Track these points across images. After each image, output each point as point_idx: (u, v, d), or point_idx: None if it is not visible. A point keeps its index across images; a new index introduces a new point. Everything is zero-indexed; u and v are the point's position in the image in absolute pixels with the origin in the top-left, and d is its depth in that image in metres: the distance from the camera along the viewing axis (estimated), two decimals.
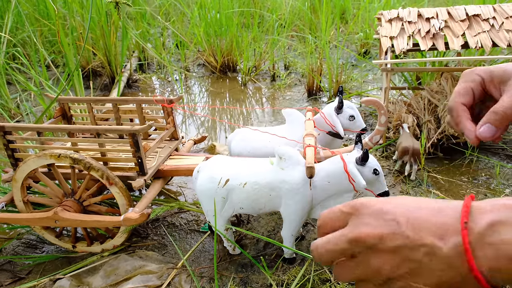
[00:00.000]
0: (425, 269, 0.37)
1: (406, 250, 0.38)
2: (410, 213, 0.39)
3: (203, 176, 1.08)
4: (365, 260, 0.40)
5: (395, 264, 0.39)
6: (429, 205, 0.40)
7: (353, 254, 0.41)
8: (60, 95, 1.44)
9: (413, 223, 0.38)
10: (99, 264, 1.16)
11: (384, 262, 0.39)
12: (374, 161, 0.98)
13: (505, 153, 1.63)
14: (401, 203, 0.41)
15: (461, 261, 0.35)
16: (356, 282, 0.42)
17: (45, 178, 1.17)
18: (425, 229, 0.38)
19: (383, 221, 0.40)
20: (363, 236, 0.40)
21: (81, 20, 2.58)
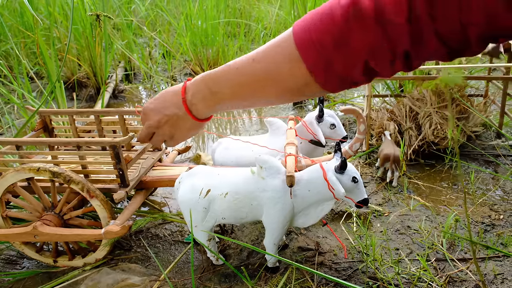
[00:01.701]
0: (178, 124, 0.77)
1: (169, 121, 0.77)
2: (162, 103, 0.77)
3: (185, 186, 1.09)
4: (158, 132, 0.80)
5: (167, 129, 0.78)
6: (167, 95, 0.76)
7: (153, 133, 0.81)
8: (42, 107, 1.43)
9: (165, 107, 0.76)
10: (81, 279, 1.15)
11: (165, 129, 0.78)
12: (352, 169, 1.00)
13: (484, 159, 1.67)
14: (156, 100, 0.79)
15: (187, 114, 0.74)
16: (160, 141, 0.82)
17: (24, 193, 1.15)
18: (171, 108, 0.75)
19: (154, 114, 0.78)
20: (151, 123, 0.79)
21: (65, 32, 2.57)
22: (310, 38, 0.55)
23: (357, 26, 0.51)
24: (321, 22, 0.54)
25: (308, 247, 1.22)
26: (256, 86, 0.63)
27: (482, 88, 2.14)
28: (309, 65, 0.56)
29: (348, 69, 0.55)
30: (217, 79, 0.67)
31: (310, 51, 0.55)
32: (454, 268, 1.08)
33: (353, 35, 0.52)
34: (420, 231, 1.26)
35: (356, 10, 0.51)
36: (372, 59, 0.53)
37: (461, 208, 1.37)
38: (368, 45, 0.52)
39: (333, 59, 0.55)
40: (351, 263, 1.14)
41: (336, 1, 0.54)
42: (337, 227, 1.31)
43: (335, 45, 0.53)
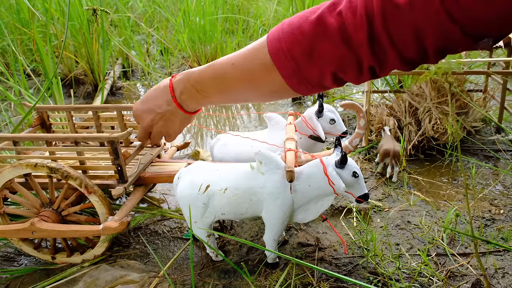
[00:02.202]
0: (171, 119, 0.83)
1: (163, 118, 0.83)
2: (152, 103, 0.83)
3: (184, 182, 1.08)
4: (154, 130, 0.87)
5: (162, 125, 0.85)
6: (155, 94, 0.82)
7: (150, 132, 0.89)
8: (39, 104, 1.42)
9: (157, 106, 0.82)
10: (79, 276, 1.14)
11: (160, 125, 0.85)
12: (353, 164, 0.99)
13: (484, 154, 1.66)
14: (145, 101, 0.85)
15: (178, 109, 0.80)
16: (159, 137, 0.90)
17: (21, 189, 1.14)
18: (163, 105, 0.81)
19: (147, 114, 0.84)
20: (146, 123, 0.86)
21: (62, 28, 2.55)
22: (281, 48, 0.59)
23: (324, 42, 0.56)
24: (292, 34, 0.59)
25: (308, 242, 1.21)
26: (237, 88, 0.69)
27: (481, 84, 2.13)
28: (282, 73, 0.61)
29: (317, 78, 0.60)
30: (201, 80, 0.73)
31: (282, 61, 0.60)
32: (454, 262, 1.08)
33: (320, 49, 0.56)
34: (420, 226, 1.25)
35: (322, 27, 0.55)
36: (340, 71, 0.58)
37: (461, 203, 1.36)
38: (335, 59, 0.56)
39: (303, 69, 0.59)
40: (351, 259, 1.13)
41: (305, 16, 0.58)
42: (337, 222, 1.31)
43: (304, 56, 0.58)
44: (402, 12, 0.49)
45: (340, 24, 0.54)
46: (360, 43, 0.53)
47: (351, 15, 0.53)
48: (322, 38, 0.56)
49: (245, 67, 0.66)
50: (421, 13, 0.47)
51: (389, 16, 0.50)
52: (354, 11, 0.53)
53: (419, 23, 0.48)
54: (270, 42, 0.61)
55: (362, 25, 0.52)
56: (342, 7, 0.55)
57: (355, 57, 0.55)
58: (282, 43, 0.59)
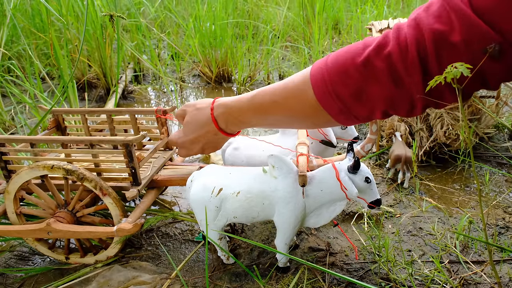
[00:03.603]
0: (217, 143, 0.88)
1: (211, 144, 0.87)
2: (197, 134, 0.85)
3: (197, 185, 1.09)
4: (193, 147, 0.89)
5: (210, 149, 0.89)
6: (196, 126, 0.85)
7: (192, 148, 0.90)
8: (55, 107, 1.45)
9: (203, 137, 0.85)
10: (92, 276, 1.15)
11: (208, 150, 0.89)
12: (365, 169, 0.99)
13: (497, 161, 1.65)
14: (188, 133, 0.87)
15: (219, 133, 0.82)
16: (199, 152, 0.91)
17: (38, 190, 1.16)
18: (208, 135, 0.84)
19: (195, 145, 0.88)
20: (193, 153, 0.91)
21: (76, 33, 2.60)
22: (327, 90, 0.59)
23: (373, 84, 0.55)
24: (338, 76, 0.58)
25: (319, 247, 1.21)
26: (281, 122, 0.73)
27: None
28: (329, 112, 0.62)
29: (366, 115, 0.60)
30: (244, 114, 0.76)
31: (329, 101, 0.60)
32: (468, 270, 1.07)
33: (369, 91, 0.56)
34: (432, 232, 1.25)
35: (370, 70, 0.54)
36: (391, 109, 0.57)
37: (474, 210, 1.35)
38: (386, 100, 0.56)
39: (352, 108, 0.59)
40: (362, 264, 1.13)
41: (350, 57, 0.57)
42: (348, 228, 1.31)
43: (353, 98, 0.58)
44: (458, 51, 0.47)
45: (389, 66, 0.53)
46: (414, 85, 0.52)
47: (401, 55, 0.51)
48: (370, 81, 0.55)
49: (289, 105, 0.66)
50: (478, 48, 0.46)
51: (444, 56, 0.48)
52: (404, 52, 0.51)
53: (476, 60, 0.46)
54: (314, 80, 0.61)
55: (414, 67, 0.51)
56: (390, 48, 0.53)
57: (408, 96, 0.54)
58: (327, 83, 0.59)
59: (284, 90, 0.67)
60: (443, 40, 0.48)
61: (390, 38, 0.54)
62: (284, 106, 0.67)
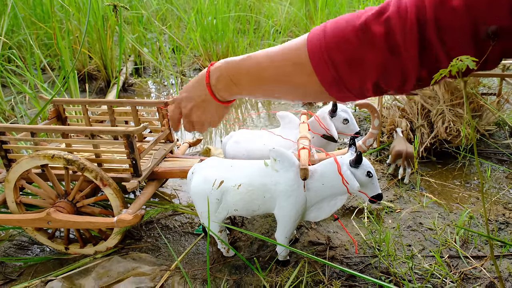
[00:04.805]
0: (206, 108, 0.81)
1: (200, 106, 0.82)
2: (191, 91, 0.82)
3: (198, 177, 1.08)
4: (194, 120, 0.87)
5: (200, 114, 0.84)
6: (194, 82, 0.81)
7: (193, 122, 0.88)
8: (55, 97, 1.44)
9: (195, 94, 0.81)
10: (92, 266, 1.15)
11: (198, 114, 0.84)
12: (367, 164, 0.99)
13: (497, 158, 1.65)
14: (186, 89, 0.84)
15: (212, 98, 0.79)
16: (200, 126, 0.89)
17: (38, 179, 1.16)
18: (198, 93, 0.80)
19: (186, 102, 0.84)
20: (186, 112, 0.85)
21: (77, 24, 2.58)
22: (322, 54, 0.57)
23: (368, 50, 0.53)
24: (334, 40, 0.56)
25: (318, 241, 1.21)
26: (272, 85, 0.68)
27: (494, 87, 2.11)
28: (322, 80, 0.59)
29: (358, 86, 0.58)
30: (238, 71, 0.71)
31: (322, 67, 0.58)
32: (468, 265, 1.07)
33: (363, 57, 0.54)
34: (432, 228, 1.25)
35: (367, 34, 0.53)
36: (383, 80, 0.55)
37: (474, 206, 1.35)
38: (379, 68, 0.54)
39: (344, 77, 0.57)
40: (362, 258, 1.13)
41: (349, 21, 0.55)
42: (348, 222, 1.31)
43: (347, 64, 0.56)
44: (458, 15, 0.46)
45: (387, 31, 0.51)
46: (408, 49, 0.50)
47: (400, 21, 0.50)
48: (366, 46, 0.53)
49: (283, 66, 0.64)
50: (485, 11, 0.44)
51: (443, 20, 0.47)
52: (403, 17, 0.50)
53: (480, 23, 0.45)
54: (310, 45, 0.59)
55: (411, 31, 0.49)
56: (390, 13, 0.52)
57: (401, 65, 0.52)
58: (323, 48, 0.57)
59: (280, 52, 0.65)
60: (443, 4, 0.47)
61: (391, 4, 0.53)
62: (278, 68, 0.64)
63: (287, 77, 0.64)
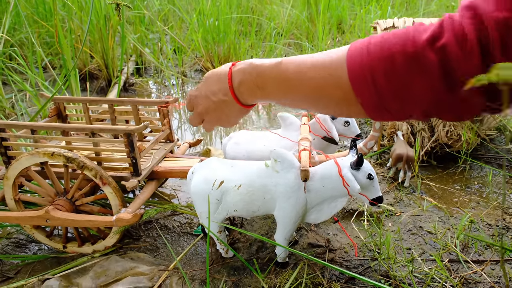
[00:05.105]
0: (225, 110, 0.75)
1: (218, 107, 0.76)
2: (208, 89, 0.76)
3: (198, 177, 1.08)
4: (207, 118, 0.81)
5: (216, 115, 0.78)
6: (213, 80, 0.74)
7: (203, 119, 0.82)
8: (56, 95, 1.44)
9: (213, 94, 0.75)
10: (89, 265, 1.14)
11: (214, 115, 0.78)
12: (368, 166, 0.99)
13: (498, 163, 1.65)
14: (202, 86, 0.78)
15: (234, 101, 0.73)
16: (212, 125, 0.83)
17: (37, 177, 1.16)
18: (218, 94, 0.74)
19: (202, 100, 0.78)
20: (200, 111, 0.79)
21: (79, 23, 2.58)
22: (364, 77, 0.52)
23: (420, 78, 0.48)
24: (380, 63, 0.51)
25: (318, 243, 1.21)
26: (302, 97, 0.63)
27: None
28: (362, 101, 0.54)
29: (404, 113, 0.53)
30: (264, 77, 0.66)
31: (363, 88, 0.53)
32: (468, 269, 1.07)
33: (413, 86, 0.49)
34: (432, 231, 1.24)
35: (420, 62, 0.48)
36: (434, 109, 0.51)
37: (474, 211, 1.35)
38: (431, 98, 0.49)
39: (388, 103, 0.52)
40: (362, 261, 1.13)
41: (398, 44, 0.50)
42: (347, 225, 1.30)
43: (393, 91, 0.51)
44: None
45: (442, 60, 0.47)
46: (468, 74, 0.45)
47: (458, 47, 0.46)
48: (418, 74, 0.48)
49: (317, 80, 0.58)
50: None
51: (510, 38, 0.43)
52: (460, 41, 0.46)
53: None
54: (351, 64, 0.54)
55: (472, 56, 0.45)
56: (445, 40, 0.47)
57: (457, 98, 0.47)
58: (365, 68, 0.52)
59: (315, 62, 0.59)
60: (508, 28, 0.43)
61: (445, 28, 0.48)
62: (311, 79, 0.59)
63: (319, 91, 0.59)
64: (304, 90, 0.61)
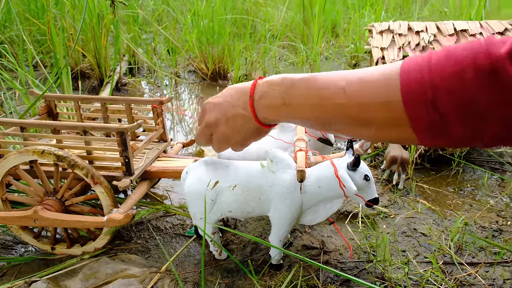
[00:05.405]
0: (239, 126, 0.69)
1: (230, 121, 0.69)
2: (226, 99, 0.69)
3: (192, 177, 1.06)
4: (216, 132, 0.73)
5: (226, 130, 0.71)
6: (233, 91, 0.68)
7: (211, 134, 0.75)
8: (47, 93, 1.41)
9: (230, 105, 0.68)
10: (79, 267, 1.11)
11: (224, 129, 0.71)
12: (365, 167, 0.98)
13: (490, 166, 1.66)
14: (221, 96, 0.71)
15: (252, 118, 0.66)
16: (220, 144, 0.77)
17: (26, 176, 1.12)
18: (236, 107, 0.67)
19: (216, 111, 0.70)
20: (209, 121, 0.72)
21: (72, 21, 2.55)
22: (425, 93, 0.44)
23: (496, 96, 0.41)
24: (445, 81, 0.43)
25: (312, 245, 1.20)
26: (337, 120, 0.54)
27: None
28: (416, 126, 0.46)
29: (467, 137, 0.45)
30: (295, 92, 0.57)
31: (421, 113, 0.45)
32: (462, 272, 1.07)
33: (488, 106, 0.42)
34: (426, 234, 1.24)
35: (498, 78, 0.41)
36: (507, 132, 0.43)
37: (467, 213, 1.35)
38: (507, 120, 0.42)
39: (451, 126, 0.44)
40: (357, 263, 1.12)
41: (469, 58, 0.43)
42: (342, 227, 1.29)
43: (460, 112, 0.43)
44: None
45: None
46: None
47: None
48: (494, 92, 0.41)
49: (360, 101, 0.50)
50: None
51: None
52: None
53: None
54: (405, 78, 0.46)
55: None
56: None
57: None
58: (426, 85, 0.44)
59: (359, 78, 0.51)
60: None
61: None
62: (353, 99, 0.50)
63: (361, 114, 0.50)
64: (343, 112, 0.52)
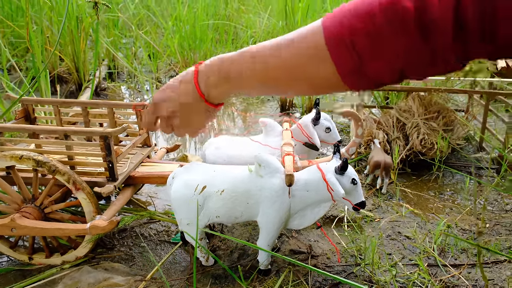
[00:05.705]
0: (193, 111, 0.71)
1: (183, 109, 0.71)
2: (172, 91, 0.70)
3: (178, 182, 1.04)
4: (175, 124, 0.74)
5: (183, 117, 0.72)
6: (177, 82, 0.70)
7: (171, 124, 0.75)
8: (24, 96, 1.35)
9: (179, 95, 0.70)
10: (59, 277, 1.07)
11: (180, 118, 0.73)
12: (352, 171, 0.99)
13: (467, 170, 1.72)
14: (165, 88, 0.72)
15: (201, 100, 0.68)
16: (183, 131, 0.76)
17: (2, 182, 1.07)
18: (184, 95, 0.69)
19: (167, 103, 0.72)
20: (164, 115, 0.73)
21: (49, 24, 2.47)
22: (343, 40, 0.50)
23: (396, 31, 0.47)
24: (359, 22, 0.49)
25: (300, 250, 1.19)
26: (277, 79, 0.59)
27: (462, 105, 2.23)
28: (340, 69, 0.52)
29: (381, 75, 0.51)
30: (235, 67, 0.62)
31: (342, 55, 0.51)
32: (446, 273, 1.09)
33: (392, 40, 0.48)
34: (411, 236, 1.27)
35: (396, 12, 0.46)
36: (408, 67, 0.50)
37: (448, 216, 1.39)
38: (407, 53, 0.48)
39: (367, 65, 0.50)
40: (344, 267, 1.12)
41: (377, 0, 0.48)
42: (328, 231, 1.30)
43: (372, 48, 0.49)
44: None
45: (419, 7, 0.46)
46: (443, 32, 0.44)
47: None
48: (395, 27, 0.47)
49: (291, 57, 0.56)
50: None
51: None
52: None
53: None
54: (327, 29, 0.51)
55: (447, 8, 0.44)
56: None
57: (433, 50, 0.47)
58: (344, 33, 0.50)
59: (287, 39, 0.57)
60: None
61: None
62: (286, 56, 0.56)
63: (297, 70, 0.56)
64: (277, 74, 0.58)
